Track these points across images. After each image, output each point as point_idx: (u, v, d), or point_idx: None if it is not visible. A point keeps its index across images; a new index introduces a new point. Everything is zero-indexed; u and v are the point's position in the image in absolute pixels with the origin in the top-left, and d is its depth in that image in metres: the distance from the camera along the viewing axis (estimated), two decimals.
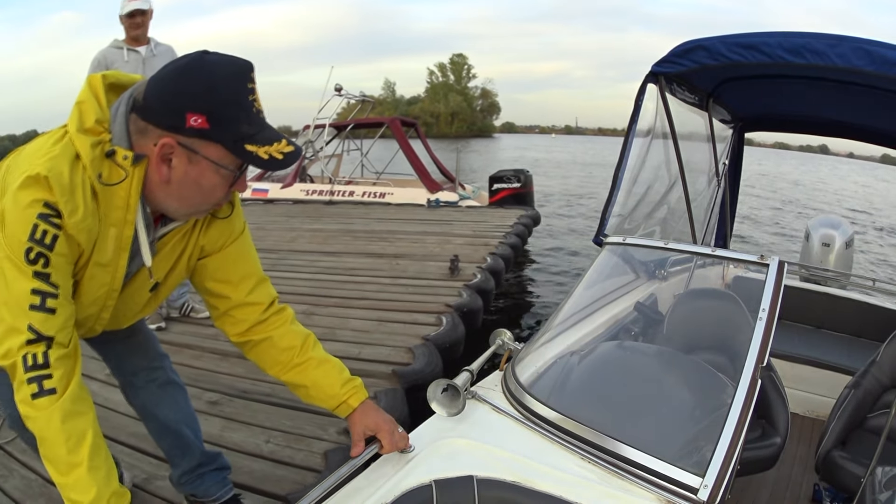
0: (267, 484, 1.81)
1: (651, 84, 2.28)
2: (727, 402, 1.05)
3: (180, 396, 1.51)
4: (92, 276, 0.97)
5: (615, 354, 1.57)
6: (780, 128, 3.41)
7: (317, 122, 9.78)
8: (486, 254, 4.93)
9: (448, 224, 6.70)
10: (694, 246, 2.39)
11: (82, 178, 0.87)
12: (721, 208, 3.24)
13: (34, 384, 0.84)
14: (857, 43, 1.76)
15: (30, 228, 0.83)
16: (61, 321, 0.87)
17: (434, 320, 3.28)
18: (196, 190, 0.93)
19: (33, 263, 0.83)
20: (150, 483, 1.80)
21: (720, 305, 1.69)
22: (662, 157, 2.52)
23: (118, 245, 0.97)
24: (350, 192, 8.99)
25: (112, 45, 2.94)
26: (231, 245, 1.14)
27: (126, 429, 2.08)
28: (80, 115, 0.89)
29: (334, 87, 9.64)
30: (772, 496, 1.86)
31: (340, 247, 5.49)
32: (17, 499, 1.77)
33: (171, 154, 0.89)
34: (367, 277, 4.35)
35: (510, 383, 1.33)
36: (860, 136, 3.05)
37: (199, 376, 2.58)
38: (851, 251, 3.82)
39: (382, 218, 7.21)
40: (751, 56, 1.97)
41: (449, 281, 4.13)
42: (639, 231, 2.45)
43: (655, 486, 0.99)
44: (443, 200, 8.24)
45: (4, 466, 1.94)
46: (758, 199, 14.48)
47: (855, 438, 1.73)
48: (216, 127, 0.86)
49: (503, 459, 1.08)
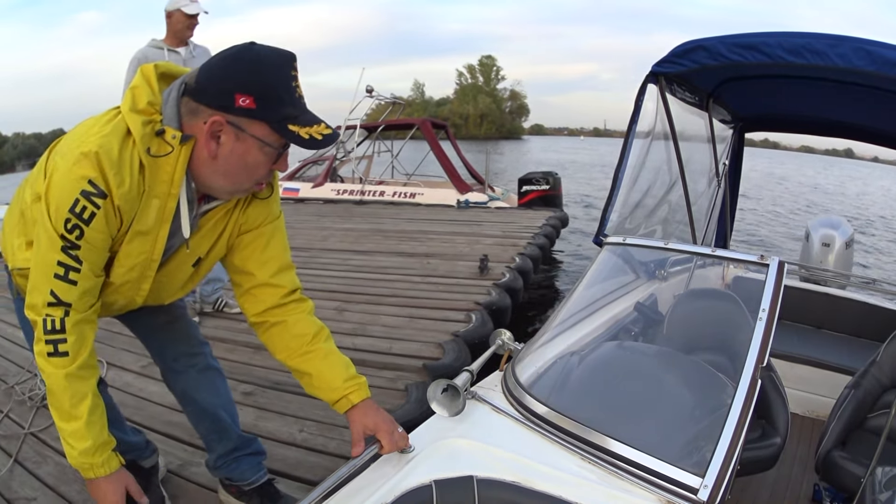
0: (300, 470, 1.85)
1: (651, 84, 2.28)
2: (727, 403, 1.05)
3: (219, 381, 1.57)
4: (131, 243, 1.03)
5: (615, 355, 1.57)
6: (781, 128, 3.41)
7: (348, 123, 9.79)
8: (514, 254, 5.01)
9: (477, 224, 6.79)
10: (694, 246, 2.39)
11: (131, 153, 0.95)
12: (721, 208, 3.24)
13: (50, 345, 0.98)
14: (858, 43, 1.76)
15: (72, 202, 0.92)
16: (80, 291, 0.98)
17: (463, 317, 3.35)
18: (241, 166, 1.00)
19: (70, 233, 0.93)
20: (185, 469, 1.85)
21: (720, 305, 1.69)
22: (663, 158, 2.52)
23: (160, 216, 1.03)
24: (381, 192, 9.06)
25: (151, 45, 2.97)
26: (266, 226, 1.20)
27: (161, 417, 2.17)
28: (134, 98, 0.98)
29: (366, 89, 9.69)
30: (772, 496, 1.86)
31: (371, 246, 5.58)
32: (51, 484, 1.81)
33: (220, 131, 0.96)
34: (397, 276, 4.43)
35: (510, 383, 1.33)
36: (860, 137, 3.04)
37: (234, 368, 2.63)
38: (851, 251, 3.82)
39: (413, 218, 7.31)
40: (751, 56, 1.97)
41: (478, 280, 4.21)
42: (639, 231, 2.45)
43: (655, 486, 0.99)
44: (472, 201, 8.31)
45: (38, 453, 1.99)
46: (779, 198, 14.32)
47: (855, 438, 1.73)
48: (262, 107, 0.93)
49: (503, 459, 1.08)
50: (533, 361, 1.42)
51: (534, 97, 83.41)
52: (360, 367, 1.27)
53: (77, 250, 0.95)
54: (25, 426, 2.16)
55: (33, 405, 2.31)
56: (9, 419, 2.24)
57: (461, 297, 3.76)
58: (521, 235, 5.95)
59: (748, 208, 12.46)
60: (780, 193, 16.83)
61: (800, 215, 13.12)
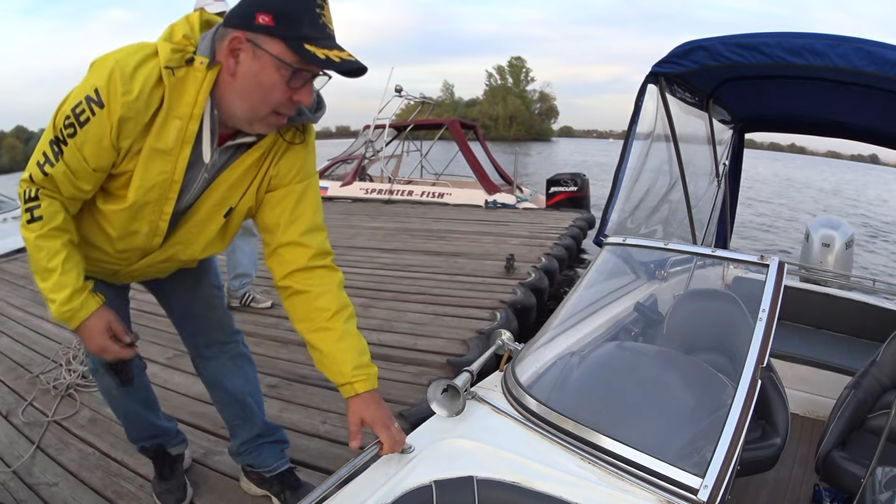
0: (322, 461, 1.88)
1: (651, 85, 2.28)
2: (727, 403, 1.05)
3: (249, 368, 1.60)
4: (150, 159, 1.04)
5: (615, 355, 1.57)
6: (781, 128, 3.41)
7: (377, 123, 9.85)
8: (541, 254, 5.05)
9: (505, 225, 6.84)
10: (694, 246, 2.38)
11: (149, 69, 0.98)
12: (721, 209, 3.24)
13: (28, 213, 1.04)
14: (858, 43, 1.76)
15: (76, 103, 0.97)
16: (53, 182, 1.03)
17: (488, 315, 3.39)
18: (256, 85, 1.00)
19: (64, 129, 0.99)
20: (208, 458, 1.91)
21: (720, 306, 1.69)
22: (663, 158, 2.52)
23: (181, 137, 1.04)
24: (409, 191, 9.11)
25: None
26: (298, 184, 1.19)
27: (186, 408, 2.24)
28: (171, 31, 1.02)
29: (395, 88, 9.74)
30: (772, 497, 1.86)
31: (399, 244, 5.64)
32: (73, 471, 1.86)
33: (239, 48, 0.98)
34: (424, 274, 4.49)
35: (510, 384, 1.33)
36: (860, 137, 3.05)
37: (259, 361, 2.68)
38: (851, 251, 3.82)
39: (440, 217, 7.37)
40: (751, 57, 1.97)
41: (504, 279, 4.24)
42: (639, 231, 2.45)
43: (655, 486, 0.98)
44: (500, 202, 8.32)
45: (61, 440, 2.06)
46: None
47: (855, 439, 1.72)
48: (280, 25, 0.95)
49: (503, 460, 1.08)
50: (533, 362, 1.42)
51: (563, 99, 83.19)
52: (384, 362, 1.26)
53: (64, 146, 1.00)
54: (49, 414, 2.22)
55: (57, 394, 2.38)
56: (32, 407, 2.32)
57: (486, 296, 3.79)
58: (548, 236, 5.99)
59: (762, 210, 12.30)
60: (802, 198, 16.63)
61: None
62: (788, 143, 22.29)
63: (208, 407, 2.24)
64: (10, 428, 2.17)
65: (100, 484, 1.78)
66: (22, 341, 3.11)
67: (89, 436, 2.07)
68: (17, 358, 2.87)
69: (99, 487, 1.76)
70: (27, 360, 2.81)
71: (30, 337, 3.16)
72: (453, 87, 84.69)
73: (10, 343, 3.11)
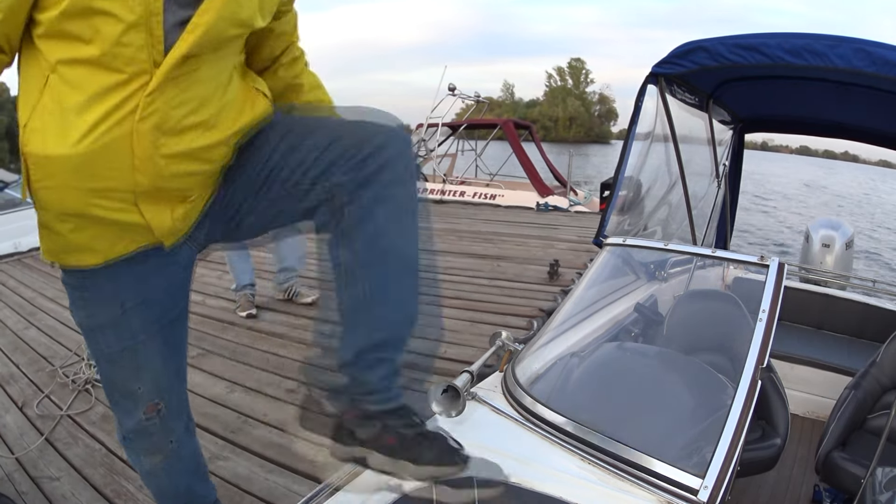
0: (333, 463, 1.87)
1: (651, 85, 2.28)
2: (727, 403, 1.05)
3: None
4: None
5: (615, 355, 1.57)
6: (781, 129, 3.41)
7: (430, 122, 9.75)
8: (587, 260, 4.84)
9: (554, 228, 6.69)
10: (694, 247, 2.39)
11: None
12: (721, 210, 3.24)
13: None
14: (858, 44, 1.76)
15: None
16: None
17: (525, 324, 3.25)
18: None
19: None
20: (213, 463, 1.88)
21: (720, 306, 1.69)
22: (663, 158, 2.52)
23: None
24: (461, 192, 9.04)
25: None
26: None
27: (199, 409, 2.21)
28: None
29: (448, 87, 9.63)
30: (772, 497, 1.86)
31: (444, 246, 5.49)
32: (77, 466, 1.88)
33: None
34: (464, 277, 4.36)
35: (510, 384, 1.33)
36: (860, 138, 3.04)
37: (282, 364, 2.67)
38: (851, 252, 3.82)
39: (489, 219, 7.24)
40: (751, 57, 1.97)
41: (546, 285, 4.11)
42: (639, 232, 2.45)
43: (655, 486, 0.98)
44: (552, 205, 8.18)
45: (70, 435, 2.07)
46: None
47: (855, 439, 1.72)
48: None
49: (503, 460, 1.08)
50: (533, 362, 1.42)
51: (622, 101, 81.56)
52: (407, 370, 1.15)
53: None
54: (63, 408, 2.23)
55: (75, 388, 2.39)
56: (48, 400, 2.33)
57: (525, 303, 3.68)
58: None
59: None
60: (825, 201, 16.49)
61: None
62: (820, 148, 21.78)
63: (221, 409, 2.26)
64: (24, 419, 2.19)
65: (101, 482, 1.78)
66: (49, 333, 3.12)
67: (99, 432, 2.08)
68: (42, 350, 2.88)
69: (99, 485, 1.77)
70: (51, 353, 2.82)
71: (57, 329, 3.16)
72: (513, 87, 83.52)
73: (36, 335, 3.12)
